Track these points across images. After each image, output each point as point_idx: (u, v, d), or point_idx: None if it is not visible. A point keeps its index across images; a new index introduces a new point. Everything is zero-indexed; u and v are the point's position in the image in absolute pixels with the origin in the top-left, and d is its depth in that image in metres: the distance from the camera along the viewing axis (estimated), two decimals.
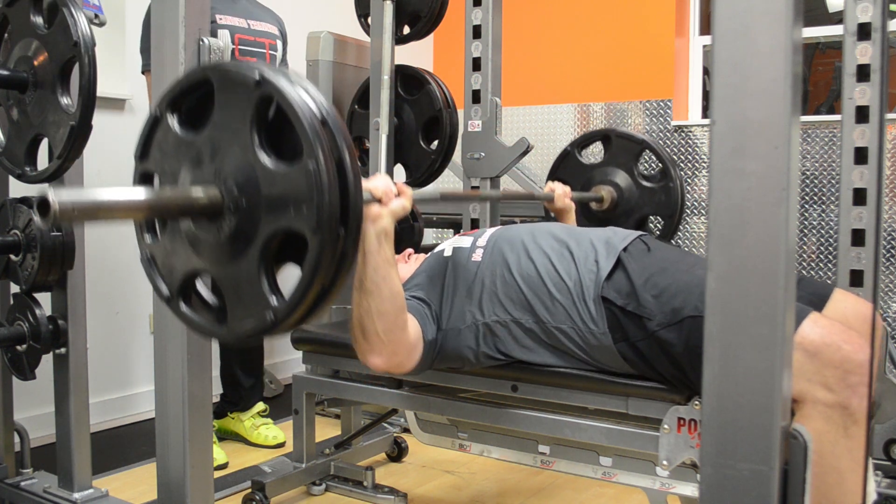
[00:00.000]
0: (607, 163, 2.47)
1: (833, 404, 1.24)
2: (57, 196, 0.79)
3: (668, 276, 1.49)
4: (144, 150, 1.05)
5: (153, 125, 1.04)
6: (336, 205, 0.88)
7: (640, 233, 1.68)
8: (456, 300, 1.65)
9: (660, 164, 2.46)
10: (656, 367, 1.49)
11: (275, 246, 0.93)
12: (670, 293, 1.45)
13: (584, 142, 2.55)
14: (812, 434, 1.20)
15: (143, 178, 1.07)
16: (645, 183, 2.43)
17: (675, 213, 2.41)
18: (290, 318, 0.92)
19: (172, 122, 1.01)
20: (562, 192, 2.21)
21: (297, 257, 0.92)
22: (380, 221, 1.39)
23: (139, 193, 0.92)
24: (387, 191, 1.40)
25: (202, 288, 1.04)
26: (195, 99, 1.00)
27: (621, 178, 2.44)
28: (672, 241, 2.46)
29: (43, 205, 0.80)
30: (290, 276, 0.95)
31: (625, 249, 1.58)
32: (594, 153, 2.65)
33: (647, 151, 2.49)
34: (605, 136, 2.50)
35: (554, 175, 2.51)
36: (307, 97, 0.90)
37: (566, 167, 2.52)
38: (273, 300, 0.93)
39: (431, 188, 1.60)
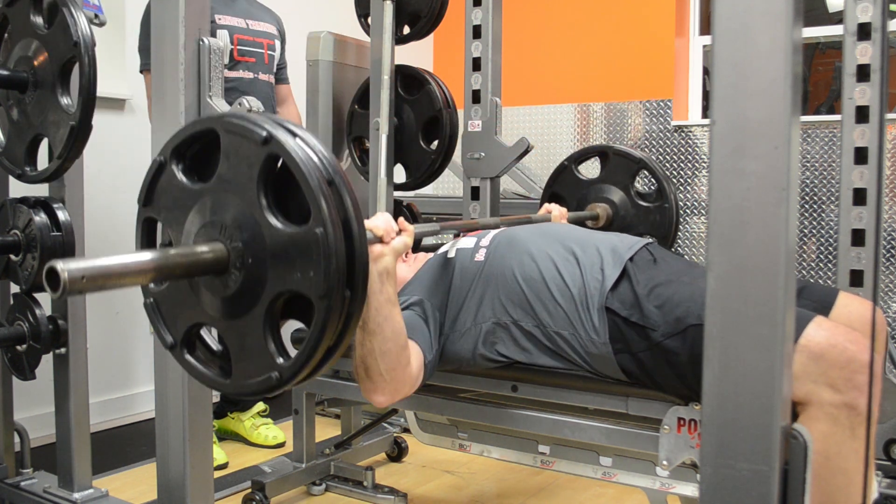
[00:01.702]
0: (604, 179, 2.46)
1: (840, 405, 1.23)
2: (66, 265, 0.77)
3: (672, 288, 1.48)
4: (148, 196, 1.04)
5: (157, 171, 1.03)
6: (343, 270, 0.88)
7: (646, 241, 1.67)
8: (458, 302, 1.65)
9: (655, 183, 2.45)
10: (656, 379, 1.48)
11: (280, 305, 0.93)
12: (673, 303, 1.45)
13: (581, 156, 2.54)
14: (818, 436, 1.20)
15: (147, 224, 1.06)
16: (640, 202, 2.43)
17: (668, 234, 2.41)
18: (296, 378, 0.93)
19: (177, 170, 1.01)
20: (558, 214, 2.16)
21: (302, 315, 0.92)
22: (381, 261, 1.37)
23: (146, 256, 0.90)
24: (388, 229, 1.38)
25: (206, 335, 1.04)
26: (200, 147, 1.00)
27: (617, 195, 2.43)
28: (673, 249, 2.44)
29: (51, 274, 0.78)
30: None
31: (631, 259, 1.57)
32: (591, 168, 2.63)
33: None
34: (603, 153, 2.49)
35: (550, 189, 2.50)
36: (313, 155, 0.90)
37: (563, 181, 2.51)
38: (278, 360, 0.93)
39: (432, 224, 1.63)
